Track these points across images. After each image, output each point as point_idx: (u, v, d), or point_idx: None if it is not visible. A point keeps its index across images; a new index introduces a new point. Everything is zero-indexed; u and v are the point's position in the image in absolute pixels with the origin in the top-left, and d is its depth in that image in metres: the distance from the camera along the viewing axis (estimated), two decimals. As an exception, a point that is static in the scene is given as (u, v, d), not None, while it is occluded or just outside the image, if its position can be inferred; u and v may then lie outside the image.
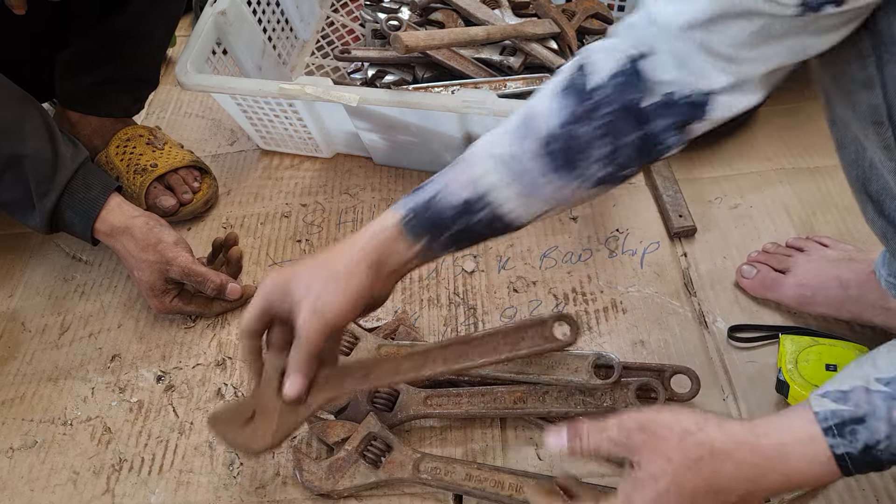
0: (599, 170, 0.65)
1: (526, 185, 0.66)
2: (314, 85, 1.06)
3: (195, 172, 1.18)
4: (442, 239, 0.69)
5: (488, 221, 0.68)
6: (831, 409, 0.53)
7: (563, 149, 0.64)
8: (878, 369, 0.53)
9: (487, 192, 0.67)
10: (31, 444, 0.93)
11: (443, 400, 0.87)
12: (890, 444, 0.51)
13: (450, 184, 0.68)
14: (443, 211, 0.68)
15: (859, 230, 1.06)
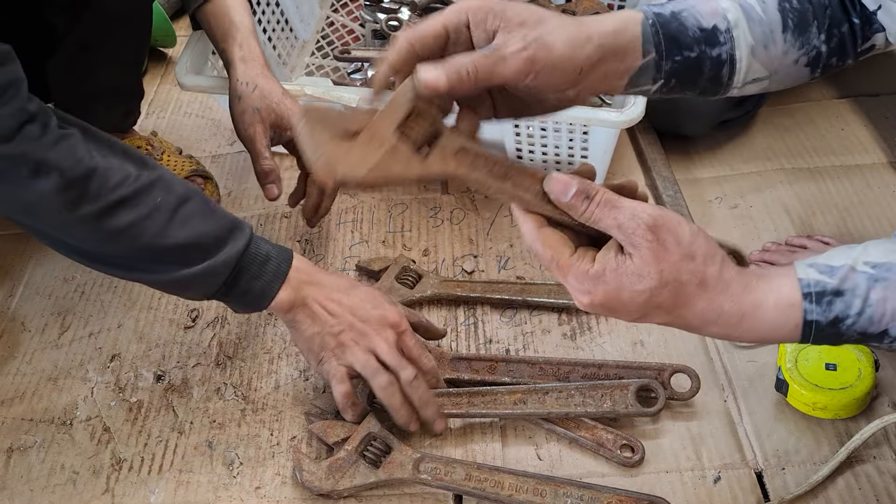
0: (820, 44, 0.66)
1: (763, 36, 0.64)
2: (314, 85, 1.07)
3: (196, 181, 1.18)
4: (667, 64, 0.62)
5: (721, 63, 0.64)
6: (815, 278, 0.54)
7: (799, 10, 0.65)
8: (867, 254, 0.54)
9: (735, 25, 0.64)
10: (30, 444, 0.93)
11: (443, 400, 0.87)
12: (857, 320, 0.53)
13: (697, 5, 0.64)
14: (688, 28, 0.63)
15: (859, 230, 1.06)
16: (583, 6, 1.20)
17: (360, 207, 1.17)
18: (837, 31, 0.66)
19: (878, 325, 0.53)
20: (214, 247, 0.79)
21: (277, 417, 0.93)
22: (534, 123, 1.04)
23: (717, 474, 0.84)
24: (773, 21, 0.65)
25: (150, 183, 0.79)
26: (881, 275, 0.53)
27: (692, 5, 0.64)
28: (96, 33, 1.05)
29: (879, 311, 0.53)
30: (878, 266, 0.54)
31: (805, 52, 0.66)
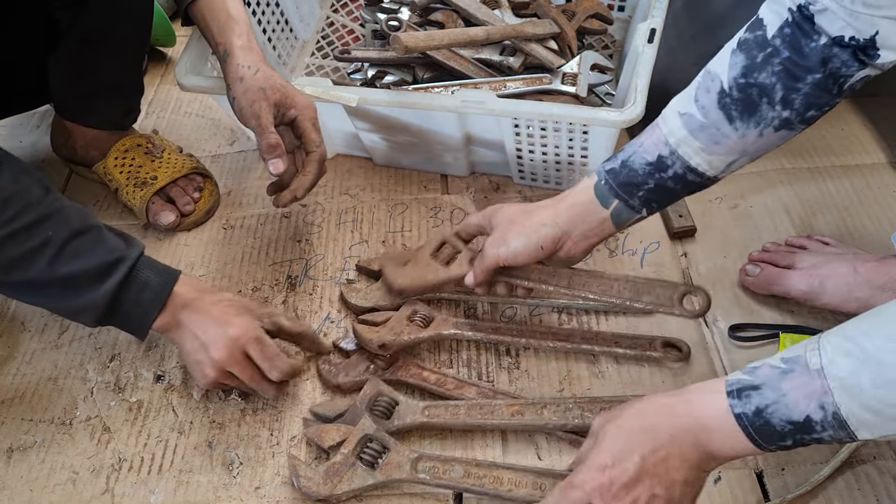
0: (779, 114, 0.72)
1: (711, 137, 0.74)
2: (314, 85, 1.06)
3: (196, 179, 1.18)
4: (634, 200, 0.80)
5: (681, 175, 0.77)
6: (737, 377, 0.64)
7: (739, 99, 0.72)
8: (785, 351, 0.62)
9: (677, 146, 0.76)
10: (30, 444, 0.93)
11: (440, 411, 0.87)
12: (777, 408, 0.60)
13: (643, 145, 0.78)
14: (637, 169, 0.78)
15: (859, 230, 1.06)
16: (583, 6, 1.20)
17: (360, 208, 1.17)
18: (797, 96, 0.70)
19: (797, 411, 0.59)
20: (96, 280, 0.84)
21: (277, 417, 0.93)
22: (534, 123, 1.04)
23: (718, 474, 0.84)
24: (715, 121, 0.74)
25: (48, 215, 0.83)
26: (790, 367, 0.61)
27: (639, 145, 0.79)
28: (99, 27, 1.06)
29: (794, 399, 0.59)
30: (788, 360, 0.61)
31: (765, 125, 0.73)
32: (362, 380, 0.91)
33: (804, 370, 0.59)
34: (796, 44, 0.69)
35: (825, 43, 0.67)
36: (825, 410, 0.58)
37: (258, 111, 0.96)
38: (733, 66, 0.73)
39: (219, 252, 1.13)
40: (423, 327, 0.96)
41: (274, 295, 1.06)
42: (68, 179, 1.27)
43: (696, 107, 0.75)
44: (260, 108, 0.96)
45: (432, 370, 0.93)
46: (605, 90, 1.20)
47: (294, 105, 0.99)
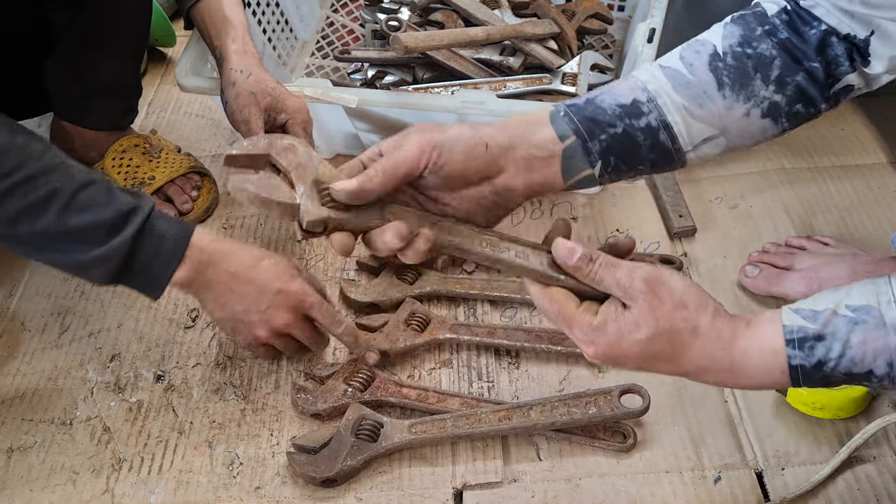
0: (771, 95, 0.65)
1: (695, 96, 0.65)
2: (314, 86, 1.06)
3: (194, 178, 1.18)
4: (594, 143, 0.63)
5: (654, 129, 0.64)
6: (799, 324, 0.57)
7: (735, 66, 0.65)
8: (850, 297, 0.57)
9: (657, 94, 0.64)
10: (30, 444, 0.93)
11: (427, 426, 0.87)
12: (839, 362, 0.56)
13: (613, 88, 0.65)
14: (605, 108, 0.64)
15: (860, 231, 1.06)
16: (583, 6, 1.20)
17: (360, 207, 1.17)
18: (791, 80, 0.66)
19: (861, 365, 0.56)
20: (111, 231, 0.81)
21: (277, 417, 0.93)
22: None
23: (718, 474, 0.84)
24: (704, 82, 0.65)
25: (52, 167, 0.80)
26: (861, 317, 0.56)
27: (608, 88, 0.66)
28: (96, 28, 1.06)
29: (860, 353, 0.55)
30: (857, 309, 0.56)
31: (755, 105, 0.66)
32: (342, 404, 0.90)
33: (878, 323, 0.55)
34: (796, 27, 0.66)
35: (825, 30, 0.65)
36: (892, 367, 0.55)
37: (247, 116, 0.97)
38: (729, 35, 0.66)
39: (219, 252, 1.13)
40: (419, 331, 0.96)
41: (274, 295, 1.06)
42: (68, 179, 1.27)
43: (681, 63, 0.66)
44: (249, 114, 0.97)
45: (412, 386, 0.92)
46: (605, 90, 1.20)
47: (284, 109, 0.99)
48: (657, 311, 0.57)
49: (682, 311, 0.58)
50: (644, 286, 0.58)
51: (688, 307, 0.58)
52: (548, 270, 0.61)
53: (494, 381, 0.94)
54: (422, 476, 0.86)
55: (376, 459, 0.86)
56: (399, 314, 0.97)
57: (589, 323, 0.59)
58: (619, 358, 0.59)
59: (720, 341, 0.58)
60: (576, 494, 0.84)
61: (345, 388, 0.91)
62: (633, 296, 0.58)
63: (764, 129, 0.67)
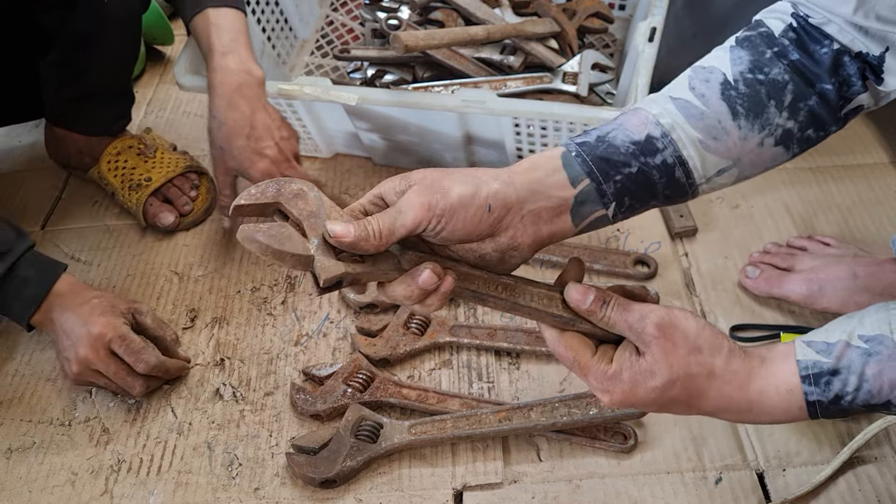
0: (784, 122, 0.64)
1: (710, 128, 0.62)
2: (313, 85, 1.06)
3: (192, 177, 1.17)
4: (609, 185, 0.61)
5: (669, 166, 0.62)
6: (813, 359, 0.56)
7: (748, 94, 0.63)
8: (862, 326, 0.56)
9: (671, 129, 0.62)
10: (29, 445, 0.93)
11: (427, 427, 0.87)
12: (856, 395, 0.55)
13: (623, 124, 0.62)
14: (619, 146, 0.61)
15: (861, 231, 1.06)
16: (583, 5, 1.20)
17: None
18: (804, 104, 0.63)
19: (878, 397, 0.55)
20: None
21: (277, 418, 0.93)
22: (534, 122, 1.04)
23: (719, 475, 0.83)
24: (718, 112, 0.63)
25: None
26: (874, 348, 0.55)
27: (619, 124, 0.63)
28: (86, 31, 1.05)
29: (877, 385, 0.55)
30: (871, 340, 0.55)
31: (769, 133, 0.64)
32: (341, 405, 0.90)
33: (893, 354, 0.54)
34: (806, 47, 0.63)
35: (837, 49, 0.63)
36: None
37: (215, 172, 1.03)
38: (737, 61, 0.64)
39: (218, 252, 1.13)
40: (419, 335, 0.96)
41: (274, 295, 1.06)
42: (66, 181, 1.27)
43: (692, 94, 0.63)
44: (216, 170, 1.02)
45: (412, 387, 0.92)
46: (606, 89, 1.20)
47: (251, 178, 1.00)
48: (671, 356, 0.57)
49: (697, 355, 0.58)
50: (657, 331, 0.57)
51: (702, 351, 0.58)
52: (563, 314, 0.60)
53: (495, 382, 0.94)
54: (422, 477, 0.86)
55: (376, 460, 0.86)
56: (398, 316, 0.97)
57: (604, 372, 0.58)
58: (636, 404, 0.59)
59: (736, 383, 0.58)
60: (576, 495, 0.83)
61: (344, 389, 0.91)
62: (646, 341, 0.57)
63: (775, 156, 0.66)
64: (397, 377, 0.93)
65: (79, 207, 1.21)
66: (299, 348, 0.99)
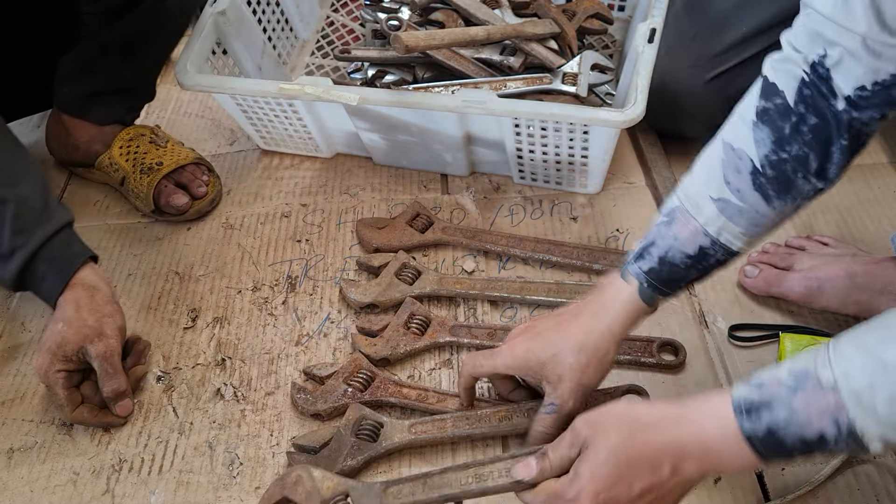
0: (809, 185, 0.69)
1: (751, 220, 0.71)
2: (314, 85, 1.06)
3: (203, 167, 1.19)
4: (676, 292, 0.77)
5: (721, 261, 0.74)
6: (744, 395, 0.60)
7: (774, 178, 0.69)
8: (793, 363, 0.59)
9: (719, 234, 0.72)
10: (31, 445, 0.93)
11: (427, 426, 0.87)
12: (789, 427, 0.57)
13: (678, 238, 0.73)
14: (677, 266, 0.73)
15: (860, 231, 1.06)
16: (583, 6, 1.20)
17: (360, 207, 1.17)
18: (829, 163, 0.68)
19: (810, 428, 0.57)
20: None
21: (277, 418, 0.93)
22: (534, 123, 1.04)
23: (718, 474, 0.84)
24: (753, 203, 0.70)
25: None
26: (800, 383, 0.58)
27: (673, 237, 0.73)
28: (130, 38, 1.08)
29: (805, 416, 0.57)
30: (797, 374, 0.58)
31: (802, 197, 0.71)
32: (342, 404, 0.90)
33: (815, 386, 0.57)
34: (820, 109, 0.65)
35: (843, 108, 0.64)
36: (839, 426, 0.56)
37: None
38: (761, 143, 0.68)
39: (219, 251, 1.13)
40: (419, 335, 0.96)
41: (274, 295, 1.06)
42: (68, 180, 1.27)
43: (729, 190, 0.70)
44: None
45: (412, 386, 0.92)
46: (606, 90, 1.20)
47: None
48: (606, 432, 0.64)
49: (623, 416, 0.65)
50: (588, 428, 0.65)
51: (625, 412, 0.66)
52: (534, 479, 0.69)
53: (495, 382, 0.94)
54: (422, 476, 0.86)
55: (376, 460, 0.86)
56: (399, 316, 0.97)
57: (567, 479, 0.66)
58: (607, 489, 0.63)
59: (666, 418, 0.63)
60: (576, 495, 0.83)
61: (345, 388, 0.91)
62: (586, 441, 0.65)
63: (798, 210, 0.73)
64: (397, 377, 0.94)
65: (80, 207, 1.21)
66: (300, 348, 1.00)
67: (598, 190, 1.14)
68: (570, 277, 1.04)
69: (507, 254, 1.07)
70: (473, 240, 1.08)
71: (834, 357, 0.57)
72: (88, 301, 0.92)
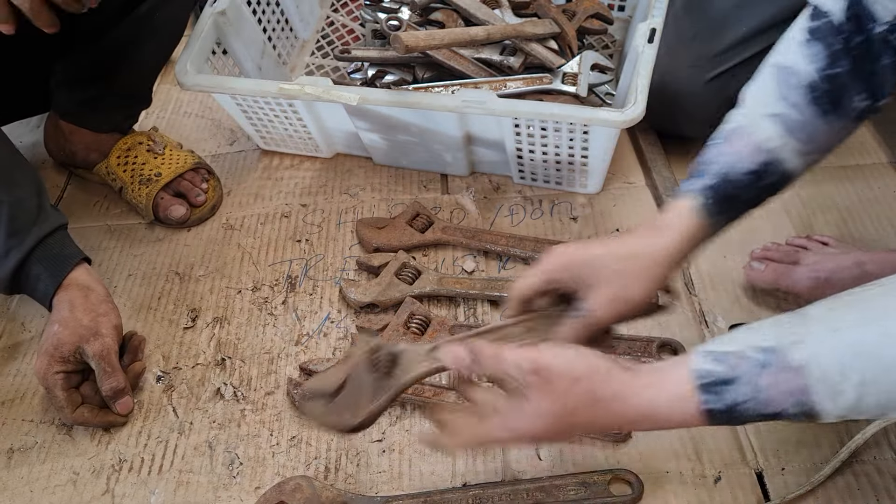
0: (861, 102, 0.69)
1: (806, 136, 0.70)
2: (314, 85, 1.06)
3: (202, 172, 1.19)
4: (735, 216, 0.72)
5: (777, 182, 0.71)
6: (708, 368, 0.58)
7: (828, 91, 0.68)
8: (758, 338, 0.57)
9: (778, 151, 0.70)
10: (31, 445, 0.93)
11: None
12: (750, 405, 0.56)
13: (736, 153, 0.70)
14: (738, 182, 0.70)
15: (860, 231, 1.06)
16: (583, 6, 1.20)
17: (360, 207, 1.17)
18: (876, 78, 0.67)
19: (772, 406, 0.56)
20: None
21: (277, 417, 0.93)
22: (534, 123, 1.04)
23: (718, 474, 0.84)
24: (809, 116, 0.70)
25: None
26: (767, 360, 0.56)
27: (731, 154, 0.71)
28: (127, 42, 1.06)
29: (769, 396, 0.55)
30: (765, 350, 0.56)
31: (852, 115, 0.70)
32: None
33: (784, 366, 0.55)
34: (864, 28, 0.66)
35: (884, 31, 0.65)
36: (801, 406, 0.55)
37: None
38: (814, 58, 0.69)
39: (219, 252, 1.13)
40: (419, 335, 0.96)
41: (274, 295, 1.06)
42: (68, 181, 1.27)
43: (786, 105, 0.70)
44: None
45: None
46: (606, 90, 1.20)
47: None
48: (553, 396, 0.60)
49: (575, 386, 0.60)
50: (534, 376, 0.61)
51: (579, 379, 0.61)
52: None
53: (495, 382, 0.94)
54: (422, 476, 0.86)
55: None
56: (399, 316, 0.97)
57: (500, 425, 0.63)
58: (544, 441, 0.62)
59: (621, 401, 0.60)
60: (576, 495, 0.83)
61: None
62: (526, 386, 0.61)
63: (857, 126, 0.72)
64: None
65: (80, 207, 1.22)
66: (300, 348, 1.00)
67: (598, 190, 1.14)
68: (570, 277, 1.04)
69: (507, 254, 1.07)
70: (473, 240, 1.08)
71: (805, 337, 0.55)
72: (83, 301, 0.92)
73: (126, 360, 0.96)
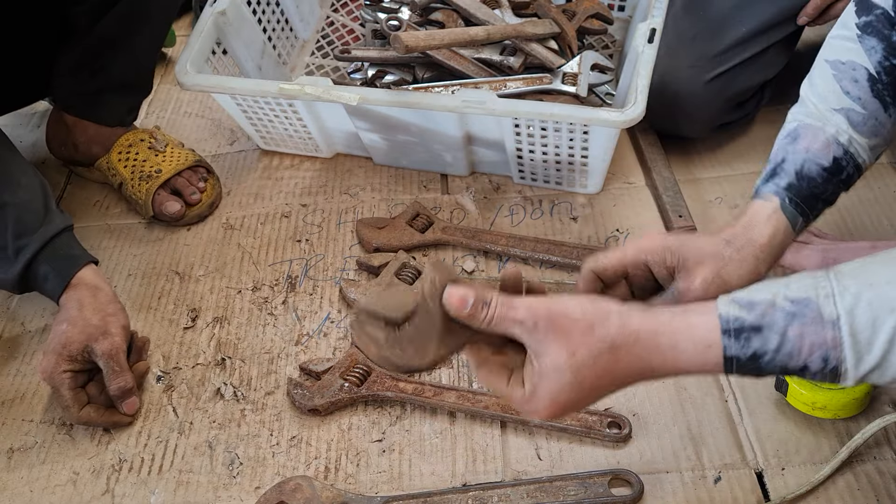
0: None
1: (872, 129, 0.71)
2: (314, 85, 1.06)
3: (200, 171, 1.19)
4: (815, 214, 0.72)
5: (849, 176, 0.72)
6: (735, 314, 0.55)
7: (890, 84, 0.69)
8: (789, 289, 0.55)
9: (849, 145, 0.71)
10: (30, 445, 0.93)
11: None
12: (775, 356, 0.54)
13: (809, 149, 0.71)
14: (815, 179, 0.70)
15: (860, 231, 1.06)
16: (583, 6, 1.20)
17: (360, 207, 1.17)
18: None
19: (797, 359, 0.54)
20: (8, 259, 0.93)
21: (277, 417, 0.93)
22: (534, 123, 1.04)
23: (718, 474, 0.84)
24: (873, 111, 0.71)
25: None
26: (799, 310, 0.54)
27: (804, 150, 0.71)
28: (119, 30, 1.07)
29: (797, 347, 0.54)
30: (796, 301, 0.54)
31: None
32: (339, 399, 0.90)
33: (816, 318, 0.53)
34: None
35: None
36: (827, 363, 0.53)
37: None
38: (872, 51, 0.70)
39: (219, 252, 1.13)
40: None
41: (275, 295, 1.06)
42: (67, 181, 1.27)
43: (850, 99, 0.71)
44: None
45: (408, 381, 0.92)
46: (606, 90, 1.20)
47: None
48: (569, 345, 0.56)
49: (591, 333, 0.57)
50: (547, 323, 0.56)
51: (594, 325, 0.57)
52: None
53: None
54: (422, 476, 0.86)
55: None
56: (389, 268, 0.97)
57: (521, 396, 0.59)
58: (567, 409, 0.58)
59: (641, 344, 0.57)
60: (576, 494, 0.84)
61: (341, 383, 0.92)
62: (538, 337, 0.57)
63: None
64: (396, 375, 0.94)
65: (80, 207, 1.22)
66: (300, 348, 1.00)
67: (598, 190, 1.14)
68: (570, 277, 1.04)
69: (507, 254, 1.07)
70: (473, 240, 1.08)
71: (839, 291, 0.53)
72: (91, 300, 0.93)
73: (131, 360, 0.96)
